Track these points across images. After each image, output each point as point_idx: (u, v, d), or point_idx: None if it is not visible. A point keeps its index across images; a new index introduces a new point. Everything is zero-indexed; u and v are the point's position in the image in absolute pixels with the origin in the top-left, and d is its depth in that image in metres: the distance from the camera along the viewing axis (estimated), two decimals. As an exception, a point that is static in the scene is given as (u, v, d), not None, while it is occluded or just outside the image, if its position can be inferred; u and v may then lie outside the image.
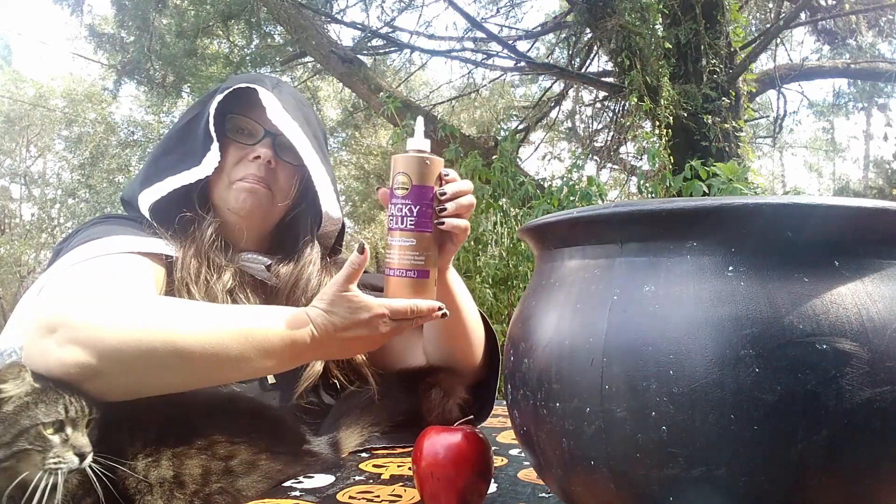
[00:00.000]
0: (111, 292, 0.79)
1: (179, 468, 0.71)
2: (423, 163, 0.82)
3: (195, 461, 0.72)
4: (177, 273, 0.95)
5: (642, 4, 4.84)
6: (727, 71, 5.06)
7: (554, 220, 0.59)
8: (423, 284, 0.82)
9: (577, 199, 3.57)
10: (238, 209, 1.03)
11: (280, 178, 1.05)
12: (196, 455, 0.72)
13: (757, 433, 0.45)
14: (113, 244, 0.90)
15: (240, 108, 1.04)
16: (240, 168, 1.03)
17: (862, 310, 0.47)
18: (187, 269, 0.96)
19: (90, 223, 0.99)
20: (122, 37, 7.56)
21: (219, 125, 1.00)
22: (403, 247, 0.81)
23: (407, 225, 0.81)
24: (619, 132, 6.03)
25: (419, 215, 0.82)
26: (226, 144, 1.02)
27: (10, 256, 13.19)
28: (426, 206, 0.82)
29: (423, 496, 0.67)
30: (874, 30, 7.14)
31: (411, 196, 0.81)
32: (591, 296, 0.53)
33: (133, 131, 12.91)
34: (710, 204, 0.49)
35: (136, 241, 0.93)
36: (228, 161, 1.03)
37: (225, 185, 1.03)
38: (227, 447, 0.75)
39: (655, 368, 0.48)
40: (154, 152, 1.07)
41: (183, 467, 0.71)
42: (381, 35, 6.92)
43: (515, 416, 0.61)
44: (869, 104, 10.11)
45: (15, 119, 14.28)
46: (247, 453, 0.76)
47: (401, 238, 0.81)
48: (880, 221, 0.49)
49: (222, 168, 1.02)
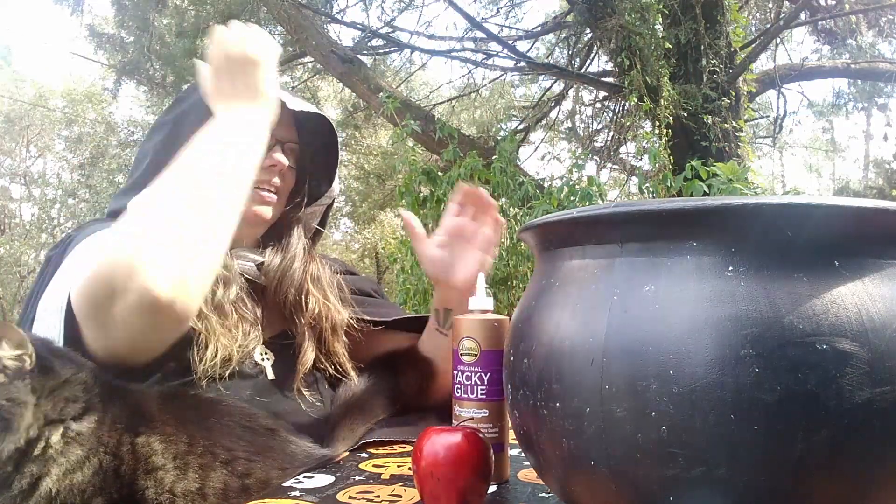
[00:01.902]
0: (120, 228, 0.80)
1: (204, 480, 0.70)
2: (492, 326, 0.78)
3: (218, 474, 0.71)
4: None
5: (642, 4, 4.84)
6: (727, 71, 5.06)
7: (554, 220, 0.58)
8: (500, 459, 0.77)
9: (578, 199, 3.58)
10: (252, 219, 1.02)
11: (286, 182, 1.06)
12: (220, 468, 0.72)
13: (757, 433, 0.45)
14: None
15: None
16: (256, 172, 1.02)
17: (862, 310, 0.47)
18: None
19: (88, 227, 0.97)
20: (122, 37, 7.57)
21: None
22: (476, 419, 0.77)
23: (478, 395, 0.77)
24: (619, 132, 6.03)
25: (490, 383, 0.77)
26: None
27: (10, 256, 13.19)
28: (497, 372, 0.76)
29: (423, 496, 0.67)
30: (874, 30, 7.14)
31: (481, 363, 0.77)
32: (591, 296, 0.53)
33: (133, 131, 12.92)
34: (710, 204, 0.49)
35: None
36: None
37: None
38: (245, 464, 0.75)
39: (655, 368, 0.48)
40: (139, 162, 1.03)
41: (207, 479, 0.70)
42: (381, 35, 6.93)
43: (515, 416, 0.61)
44: (869, 104, 10.12)
45: (15, 119, 14.29)
46: (261, 472, 0.76)
47: (472, 409, 0.77)
48: (880, 221, 0.49)
49: None
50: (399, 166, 4.72)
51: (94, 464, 0.65)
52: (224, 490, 0.71)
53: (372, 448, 0.97)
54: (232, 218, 0.81)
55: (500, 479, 0.78)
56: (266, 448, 0.79)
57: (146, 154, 1.01)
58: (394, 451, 0.96)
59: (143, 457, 0.67)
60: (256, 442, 0.78)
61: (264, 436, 0.80)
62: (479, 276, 0.84)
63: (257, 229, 1.07)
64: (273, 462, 0.78)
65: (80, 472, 0.64)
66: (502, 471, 0.79)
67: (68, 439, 0.64)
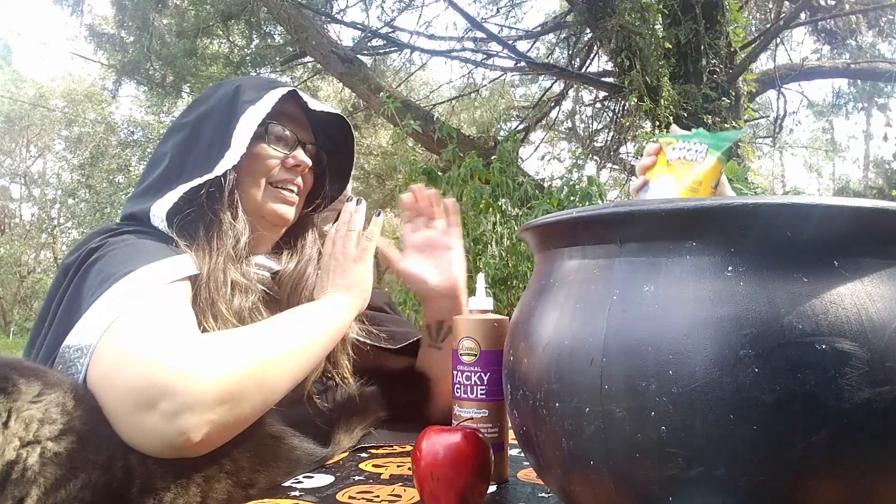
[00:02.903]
0: (184, 341, 0.74)
1: (207, 493, 0.69)
2: (492, 326, 0.78)
3: (222, 485, 0.71)
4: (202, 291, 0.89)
5: (642, 4, 4.84)
6: (727, 71, 5.06)
7: (554, 220, 0.59)
8: (500, 458, 0.77)
9: (578, 199, 3.58)
10: (275, 218, 1.02)
11: (307, 183, 1.07)
12: (224, 479, 0.72)
13: (756, 433, 0.45)
14: (151, 273, 0.82)
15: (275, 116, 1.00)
16: (280, 172, 1.02)
17: (861, 310, 0.47)
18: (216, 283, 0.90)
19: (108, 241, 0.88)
20: (122, 37, 7.56)
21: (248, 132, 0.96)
22: (475, 419, 0.77)
23: (477, 394, 0.78)
24: (619, 132, 6.03)
25: (490, 383, 0.77)
26: (259, 151, 0.99)
27: (10, 256, 13.19)
28: (496, 372, 0.76)
29: (423, 496, 0.67)
30: (874, 30, 7.15)
31: (480, 363, 0.77)
32: (591, 296, 0.53)
33: (133, 131, 12.92)
34: (710, 204, 0.49)
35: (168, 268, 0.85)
36: (263, 165, 1.00)
37: (258, 187, 1.00)
38: (250, 474, 0.74)
39: (655, 368, 0.48)
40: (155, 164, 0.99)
41: (211, 492, 0.70)
42: (381, 35, 6.93)
43: (515, 416, 0.61)
44: (869, 104, 10.12)
45: (15, 119, 14.29)
46: (265, 482, 0.76)
47: (471, 409, 0.78)
48: (880, 221, 0.49)
49: (255, 171, 1.00)
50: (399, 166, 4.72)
51: (81, 479, 0.63)
52: (227, 501, 0.71)
53: (372, 448, 0.97)
54: (290, 387, 0.81)
55: (500, 479, 0.78)
56: (271, 456, 0.79)
57: (164, 155, 0.98)
58: (394, 451, 0.96)
59: (138, 476, 0.66)
60: (261, 451, 0.78)
61: (269, 444, 0.80)
62: (479, 277, 0.84)
63: (278, 230, 1.06)
64: (278, 471, 0.78)
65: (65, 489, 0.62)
66: (502, 471, 0.79)
67: (45, 460, 0.62)
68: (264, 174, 1.01)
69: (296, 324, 0.86)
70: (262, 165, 1.00)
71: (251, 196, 1.00)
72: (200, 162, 0.94)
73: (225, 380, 0.69)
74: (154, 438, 0.66)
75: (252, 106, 0.97)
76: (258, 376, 0.74)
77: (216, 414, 0.68)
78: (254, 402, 0.73)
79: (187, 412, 0.65)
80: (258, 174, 1.00)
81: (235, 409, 0.70)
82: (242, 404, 0.71)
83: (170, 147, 0.98)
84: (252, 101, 0.97)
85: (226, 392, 0.69)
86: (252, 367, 0.74)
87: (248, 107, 0.97)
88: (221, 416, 0.68)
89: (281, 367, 0.78)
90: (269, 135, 1.01)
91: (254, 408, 0.74)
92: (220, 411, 0.68)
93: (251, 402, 0.73)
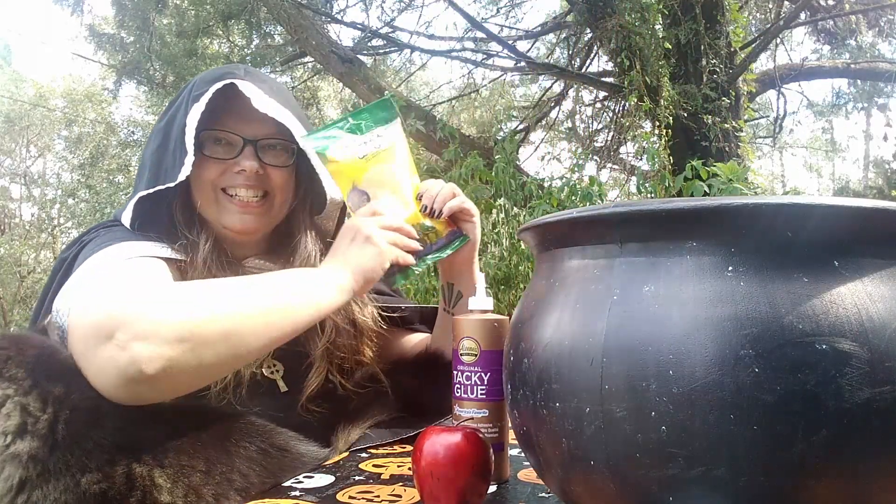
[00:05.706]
0: (150, 287, 0.77)
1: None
2: (492, 326, 0.78)
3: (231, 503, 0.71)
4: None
5: (642, 4, 4.84)
6: (727, 71, 5.06)
7: (554, 220, 0.59)
8: (500, 458, 0.77)
9: (578, 199, 3.58)
10: (237, 229, 0.99)
11: (273, 180, 1.00)
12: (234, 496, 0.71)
13: (756, 433, 0.45)
14: (130, 248, 0.87)
15: (213, 118, 0.96)
16: (225, 178, 0.98)
17: (861, 310, 0.47)
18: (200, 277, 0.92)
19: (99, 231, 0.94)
20: (122, 37, 7.56)
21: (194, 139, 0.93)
22: (476, 419, 0.77)
23: (478, 394, 0.78)
24: (619, 132, 6.03)
25: (490, 383, 0.77)
26: (203, 161, 0.96)
27: (10, 256, 13.18)
28: (497, 372, 0.77)
29: (423, 496, 0.67)
30: (874, 30, 7.14)
31: (481, 363, 0.77)
32: (591, 296, 0.53)
33: (133, 131, 12.90)
34: (710, 204, 0.49)
35: (150, 246, 0.90)
36: (206, 171, 0.97)
37: (210, 196, 0.98)
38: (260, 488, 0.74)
39: (655, 368, 0.48)
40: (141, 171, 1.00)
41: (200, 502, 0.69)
42: (381, 35, 6.93)
43: (515, 416, 0.61)
44: (869, 104, 10.12)
45: (15, 119, 14.28)
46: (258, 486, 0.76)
47: (471, 409, 0.78)
48: (880, 221, 0.49)
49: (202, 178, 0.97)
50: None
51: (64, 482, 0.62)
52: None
53: (372, 448, 0.97)
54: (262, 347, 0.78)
55: (500, 479, 0.78)
56: (279, 469, 0.79)
57: (145, 162, 0.99)
58: (394, 451, 0.96)
59: (140, 487, 0.65)
60: (270, 464, 0.77)
61: (277, 456, 0.80)
62: (480, 277, 0.84)
63: (253, 236, 1.03)
64: (268, 470, 0.78)
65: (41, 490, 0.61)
66: (502, 471, 0.79)
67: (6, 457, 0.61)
68: (210, 181, 0.97)
69: (279, 285, 0.82)
70: (206, 172, 0.97)
71: (208, 204, 0.98)
72: (170, 169, 0.93)
73: (187, 319, 0.69)
74: (108, 368, 0.66)
75: (196, 103, 0.93)
76: (225, 324, 0.72)
77: (175, 351, 0.67)
78: (218, 349, 0.71)
79: (141, 341, 0.65)
80: (205, 182, 0.97)
81: (197, 351, 0.69)
82: (204, 349, 0.70)
83: (148, 155, 0.98)
84: (197, 97, 0.94)
85: (185, 331, 0.68)
86: (220, 314, 0.72)
87: (193, 104, 0.93)
88: (180, 354, 0.67)
89: (254, 322, 0.75)
90: (206, 141, 0.97)
91: (218, 356, 0.72)
92: (179, 349, 0.67)
93: (215, 349, 0.71)
